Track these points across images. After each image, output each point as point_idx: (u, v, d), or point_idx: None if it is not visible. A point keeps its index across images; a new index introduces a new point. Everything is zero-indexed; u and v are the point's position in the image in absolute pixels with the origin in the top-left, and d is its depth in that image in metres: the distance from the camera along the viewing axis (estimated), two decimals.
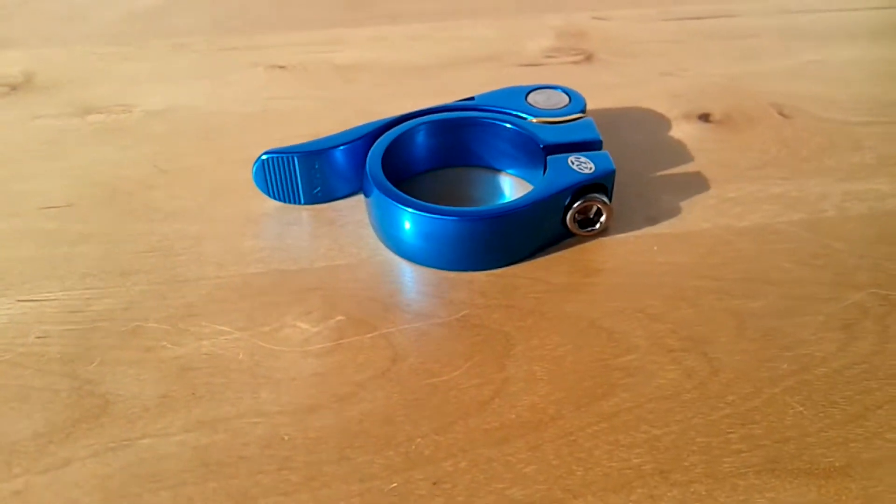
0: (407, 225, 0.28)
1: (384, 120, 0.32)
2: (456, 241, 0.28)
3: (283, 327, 0.27)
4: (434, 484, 0.22)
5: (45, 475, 0.22)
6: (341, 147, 0.31)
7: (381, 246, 0.30)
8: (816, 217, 0.31)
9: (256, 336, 0.26)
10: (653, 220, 0.31)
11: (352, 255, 0.29)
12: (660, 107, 0.37)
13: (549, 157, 0.30)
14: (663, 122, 0.36)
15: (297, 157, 0.31)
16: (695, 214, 0.31)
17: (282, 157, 0.30)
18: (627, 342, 0.26)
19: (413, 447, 0.23)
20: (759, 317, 0.27)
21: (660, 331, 0.26)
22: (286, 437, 0.23)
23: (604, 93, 0.38)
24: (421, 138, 0.32)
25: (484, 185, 0.33)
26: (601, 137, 0.31)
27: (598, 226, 0.30)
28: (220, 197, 0.32)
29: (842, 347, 0.25)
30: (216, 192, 0.32)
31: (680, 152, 0.34)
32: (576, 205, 0.29)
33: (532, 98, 0.33)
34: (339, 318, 0.27)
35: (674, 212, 0.31)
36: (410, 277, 0.29)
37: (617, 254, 0.29)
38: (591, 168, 0.29)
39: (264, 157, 0.30)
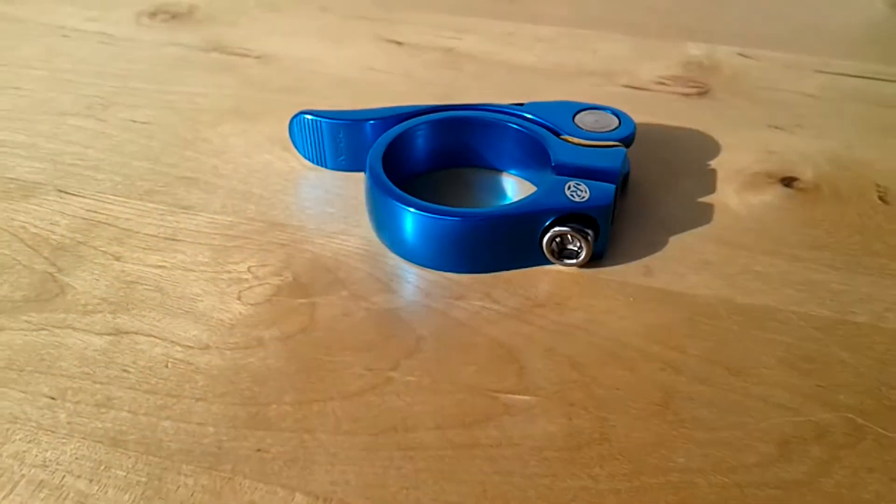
0: (383, 212, 0.28)
1: (416, 107, 0.32)
2: (426, 239, 0.28)
3: (234, 270, 0.28)
4: (258, 450, 0.22)
5: None
6: (369, 122, 0.31)
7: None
8: (841, 318, 0.26)
9: (209, 270, 0.28)
10: (650, 271, 0.28)
11: (341, 229, 0.30)
12: (745, 158, 0.33)
13: (556, 177, 0.28)
14: (737, 175, 0.32)
15: (325, 123, 0.32)
16: (701, 277, 0.27)
17: (312, 120, 0.32)
18: (533, 382, 0.24)
19: (264, 411, 0.23)
20: (692, 402, 0.23)
21: (573, 382, 0.24)
22: (168, 365, 0.25)
23: (694, 131, 0.35)
24: (424, 138, 0.32)
25: (487, 186, 0.32)
26: (622, 170, 0.29)
27: (575, 260, 0.28)
28: (268, 148, 0.34)
29: (760, 463, 0.22)
30: (268, 142, 0.34)
31: (733, 210, 0.30)
32: (551, 231, 0.27)
33: (581, 116, 0.31)
34: (286, 277, 0.28)
35: (681, 267, 0.28)
36: (376, 263, 0.29)
37: (585, 290, 0.27)
38: (584, 197, 0.27)
39: (297, 116, 0.32)
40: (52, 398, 0.24)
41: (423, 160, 0.32)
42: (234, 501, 0.21)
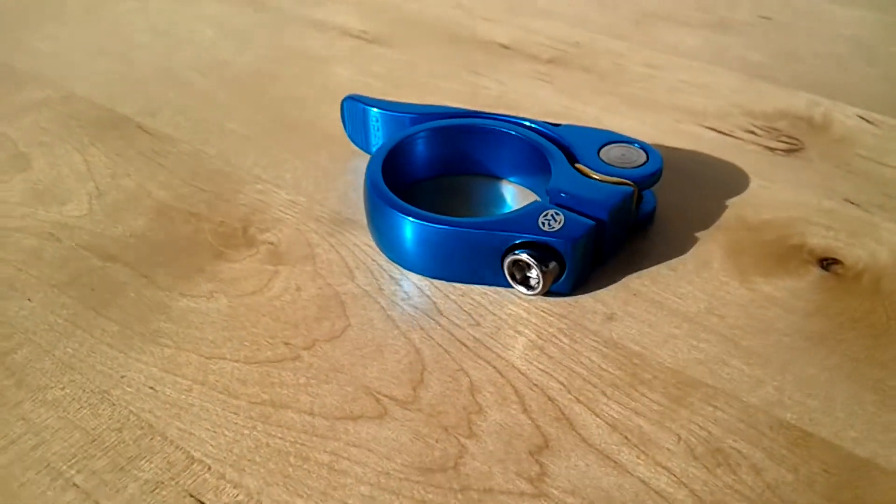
0: (370, 211, 0.29)
1: (448, 109, 0.32)
2: (397, 238, 0.28)
3: (239, 231, 0.30)
4: (152, 388, 0.24)
5: None
6: (401, 115, 0.32)
7: None
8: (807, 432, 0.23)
9: (216, 219, 0.31)
10: (611, 320, 0.26)
11: (350, 215, 0.31)
12: (793, 228, 0.29)
13: (540, 202, 0.27)
14: (773, 244, 0.29)
15: (363, 109, 0.33)
16: (660, 347, 0.25)
17: (354, 105, 0.33)
18: (421, 398, 0.24)
19: (175, 353, 0.25)
20: (552, 455, 0.22)
21: (459, 408, 0.23)
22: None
23: (755, 187, 0.31)
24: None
25: (488, 194, 0.32)
26: (615, 208, 0.27)
27: (529, 291, 0.26)
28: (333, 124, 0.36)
29: None
30: (326, 123, 0.36)
31: (744, 288, 0.27)
32: (511, 255, 0.26)
33: (608, 148, 0.30)
34: (277, 244, 0.29)
35: (646, 329, 0.26)
36: (354, 253, 0.29)
37: (531, 323, 0.26)
38: (554, 227, 0.26)
39: (346, 99, 0.33)
40: None
41: (426, 167, 0.32)
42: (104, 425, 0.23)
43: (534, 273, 0.26)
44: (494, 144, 0.31)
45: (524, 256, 0.26)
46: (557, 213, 0.27)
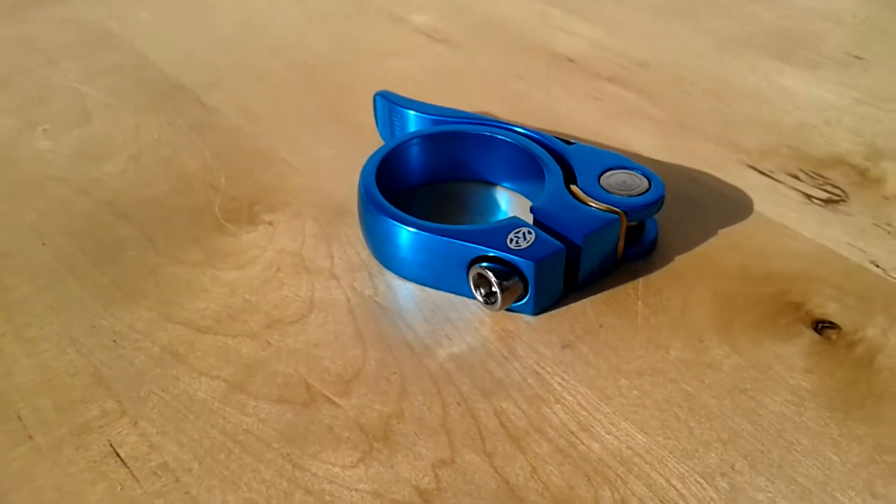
0: (360, 214, 0.29)
1: (474, 115, 0.32)
2: (378, 239, 0.28)
3: (245, 208, 0.32)
4: (114, 341, 0.26)
5: None
6: (422, 115, 0.32)
7: None
8: None
9: (230, 193, 0.32)
10: (570, 347, 0.25)
11: (352, 207, 0.31)
12: (800, 284, 0.27)
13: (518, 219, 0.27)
14: (769, 301, 0.27)
15: (389, 106, 0.33)
16: (602, 403, 0.24)
17: (383, 101, 0.34)
18: (323, 390, 0.24)
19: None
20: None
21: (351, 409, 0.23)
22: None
23: (776, 235, 0.29)
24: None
25: (483, 200, 0.32)
26: (585, 237, 0.26)
27: (488, 305, 0.26)
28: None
29: None
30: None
31: (722, 351, 0.26)
32: (475, 267, 0.26)
33: (609, 174, 0.29)
34: (275, 225, 0.31)
35: (598, 363, 0.25)
36: (351, 247, 0.30)
37: (481, 336, 0.26)
38: (521, 245, 0.26)
39: (377, 94, 0.34)
40: None
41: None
42: None
43: (493, 288, 0.26)
44: (491, 151, 0.31)
45: (485, 270, 0.25)
46: (530, 232, 0.26)
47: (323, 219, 0.31)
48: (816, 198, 0.31)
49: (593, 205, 0.27)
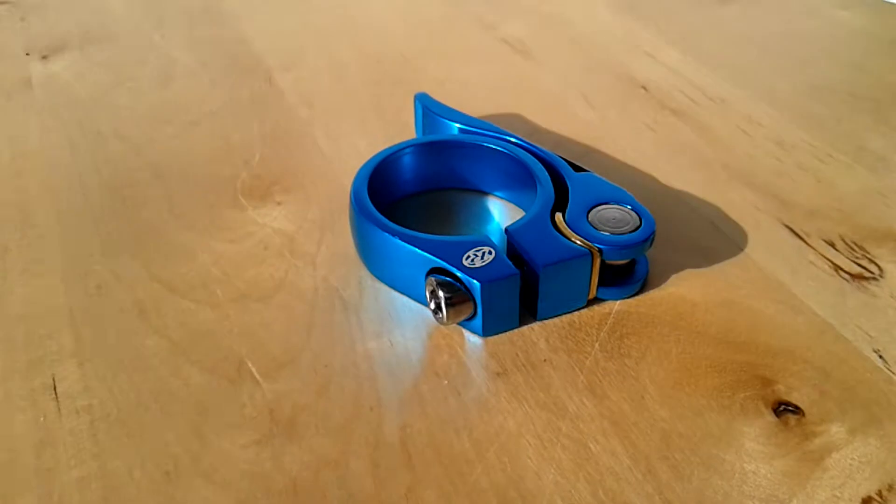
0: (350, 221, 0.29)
1: (494, 128, 0.32)
2: (359, 243, 0.29)
3: (264, 186, 0.33)
4: (98, 287, 0.28)
5: None
6: (445, 120, 0.32)
7: None
8: None
9: (258, 170, 0.34)
10: (503, 375, 0.24)
11: None
12: (779, 360, 0.25)
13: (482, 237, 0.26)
14: (740, 366, 0.25)
15: (422, 107, 0.33)
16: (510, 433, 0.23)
17: (418, 103, 0.34)
18: (252, 372, 0.25)
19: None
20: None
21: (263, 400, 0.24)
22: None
23: (779, 305, 0.27)
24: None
25: (474, 209, 0.31)
26: (544, 267, 0.25)
27: (435, 318, 0.26)
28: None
29: None
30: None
31: (668, 419, 0.24)
32: (428, 278, 0.26)
33: (606, 207, 0.27)
34: (284, 206, 0.32)
35: (529, 395, 0.24)
36: (342, 240, 0.30)
37: (420, 344, 0.25)
38: (474, 264, 0.25)
39: (417, 96, 0.34)
40: None
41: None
42: None
43: (441, 302, 0.25)
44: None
45: (434, 282, 0.25)
46: (490, 252, 0.25)
47: (327, 208, 0.32)
48: (845, 270, 0.28)
49: (569, 236, 0.26)
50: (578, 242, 0.26)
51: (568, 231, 0.26)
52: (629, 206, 0.27)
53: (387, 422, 0.23)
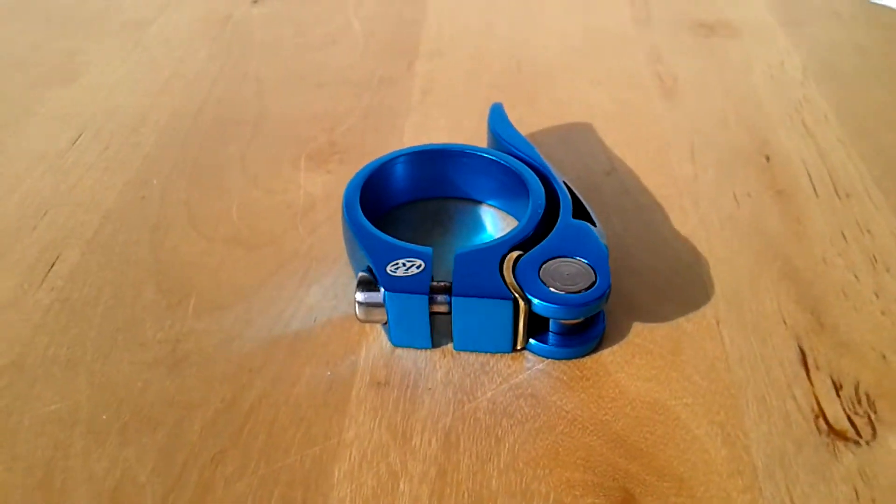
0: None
1: (536, 159, 0.30)
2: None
3: (328, 154, 0.35)
4: (152, 232, 0.33)
5: None
6: (494, 133, 0.32)
7: None
8: None
9: (337, 137, 0.36)
10: (384, 385, 0.24)
11: None
12: (655, 485, 0.22)
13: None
14: (597, 464, 0.22)
15: (490, 124, 0.33)
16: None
17: (492, 112, 0.34)
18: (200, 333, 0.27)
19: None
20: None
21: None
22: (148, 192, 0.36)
23: (720, 452, 0.23)
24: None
25: (467, 217, 0.31)
26: (456, 301, 0.24)
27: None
28: None
29: None
30: None
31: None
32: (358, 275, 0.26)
33: (571, 261, 0.26)
34: (331, 175, 0.34)
35: (406, 425, 0.24)
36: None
37: (329, 335, 0.26)
38: (395, 272, 0.25)
39: (494, 105, 0.34)
40: None
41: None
42: None
43: (354, 299, 0.26)
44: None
45: (358, 279, 0.26)
46: (419, 267, 0.25)
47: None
48: (829, 421, 0.23)
49: (506, 277, 0.25)
50: (508, 285, 0.25)
51: (508, 272, 0.25)
52: (594, 271, 0.25)
53: (255, 386, 0.25)
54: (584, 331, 0.26)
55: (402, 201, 0.32)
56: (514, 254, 0.26)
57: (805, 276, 0.28)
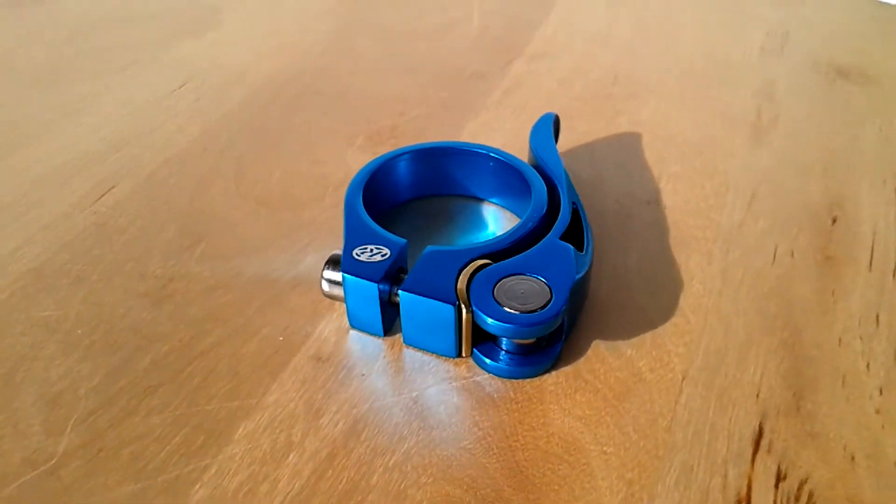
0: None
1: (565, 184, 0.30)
2: None
3: (386, 138, 0.37)
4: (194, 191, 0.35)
5: None
6: (533, 147, 0.31)
7: None
8: None
9: (402, 123, 0.37)
10: (319, 360, 0.25)
11: None
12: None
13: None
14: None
15: (531, 132, 0.32)
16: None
17: (541, 121, 0.33)
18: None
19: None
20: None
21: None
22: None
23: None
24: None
25: (469, 215, 0.31)
26: (403, 296, 0.25)
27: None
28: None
29: None
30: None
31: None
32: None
33: (532, 281, 0.25)
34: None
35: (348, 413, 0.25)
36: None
37: (300, 300, 0.27)
38: (359, 257, 0.26)
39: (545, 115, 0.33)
40: None
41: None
42: None
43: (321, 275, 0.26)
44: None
45: (332, 254, 0.26)
46: (384, 255, 0.26)
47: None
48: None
49: (460, 284, 0.25)
50: (458, 292, 0.24)
51: (464, 279, 0.25)
52: (557, 297, 0.24)
53: (214, 334, 0.26)
54: (531, 353, 0.25)
55: (407, 198, 0.32)
56: (480, 262, 0.26)
57: (807, 353, 0.26)
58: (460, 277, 0.25)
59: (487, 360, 0.25)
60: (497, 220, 0.31)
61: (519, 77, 0.41)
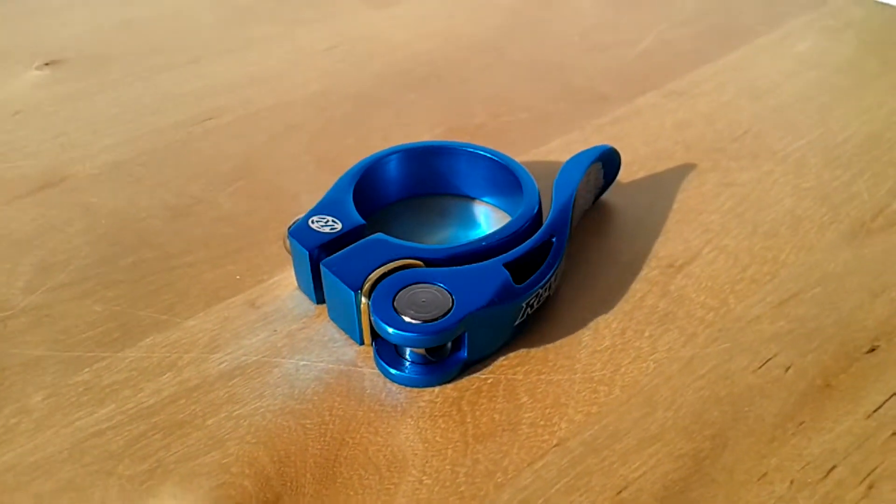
0: None
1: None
2: None
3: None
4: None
5: None
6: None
7: None
8: None
9: (418, 112, 0.37)
10: (257, 313, 0.27)
11: None
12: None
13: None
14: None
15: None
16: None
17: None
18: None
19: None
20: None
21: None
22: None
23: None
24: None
25: (461, 213, 0.32)
26: (320, 262, 0.25)
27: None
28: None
29: None
30: None
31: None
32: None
33: (437, 289, 0.24)
34: None
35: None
36: None
37: (259, 254, 0.29)
38: (312, 226, 0.27)
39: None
40: None
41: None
42: None
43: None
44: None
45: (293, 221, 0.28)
46: (333, 227, 0.27)
47: None
48: None
49: (370, 275, 0.25)
50: (365, 281, 0.25)
51: (377, 273, 0.25)
52: (453, 304, 0.24)
53: (194, 255, 0.29)
54: (425, 363, 0.25)
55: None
56: (408, 262, 0.25)
57: (713, 475, 0.22)
58: (378, 270, 0.25)
59: (377, 357, 0.25)
60: (488, 219, 0.31)
61: (640, 108, 0.38)
